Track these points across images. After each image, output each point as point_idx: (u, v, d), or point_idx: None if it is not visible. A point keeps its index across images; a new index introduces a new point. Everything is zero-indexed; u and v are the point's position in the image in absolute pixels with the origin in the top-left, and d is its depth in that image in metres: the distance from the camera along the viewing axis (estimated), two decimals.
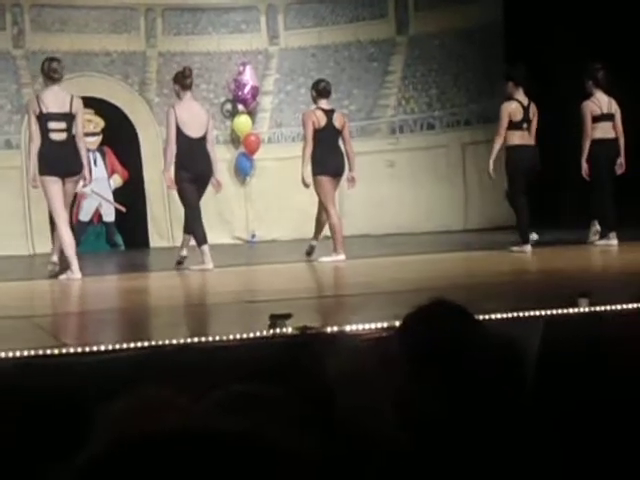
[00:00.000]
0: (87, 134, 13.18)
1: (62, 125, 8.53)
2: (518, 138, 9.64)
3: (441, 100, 14.08)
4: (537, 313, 4.10)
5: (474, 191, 13.52)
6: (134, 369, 3.77)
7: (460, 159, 13.74)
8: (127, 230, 13.31)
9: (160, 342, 4.06)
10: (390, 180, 13.61)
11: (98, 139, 13.19)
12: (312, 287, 8.04)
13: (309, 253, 9.85)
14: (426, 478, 1.83)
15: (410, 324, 2.16)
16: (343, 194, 13.89)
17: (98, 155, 13.18)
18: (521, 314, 4.12)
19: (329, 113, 9.56)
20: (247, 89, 13.58)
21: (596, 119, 9.99)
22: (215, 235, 13.57)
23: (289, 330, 3.99)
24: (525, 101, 9.73)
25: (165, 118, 9.45)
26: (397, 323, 3.84)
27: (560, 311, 4.15)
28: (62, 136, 8.51)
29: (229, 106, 13.77)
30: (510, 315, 4.10)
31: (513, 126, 9.65)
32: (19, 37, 13.18)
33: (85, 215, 13.29)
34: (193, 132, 9.03)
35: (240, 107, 13.53)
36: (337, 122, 9.57)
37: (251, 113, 13.68)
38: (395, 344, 2.27)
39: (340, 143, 9.65)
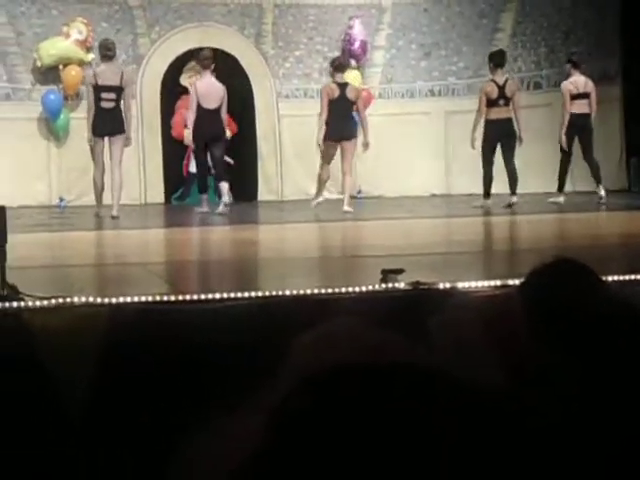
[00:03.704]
0: None
1: (112, 96, 10.37)
2: (494, 113, 11.15)
3: (549, 59, 13.87)
4: None
5: (581, 152, 13.26)
6: (247, 318, 3.83)
7: None
8: (235, 183, 13.38)
9: (273, 292, 4.12)
10: None
11: None
12: (419, 243, 8.04)
13: (316, 205, 11.08)
14: (541, 433, 1.85)
15: (534, 281, 2.17)
16: (449, 154, 13.82)
17: None
18: (634, 277, 4.06)
19: (342, 86, 10.88)
20: (357, 44, 13.53)
21: (573, 97, 11.41)
22: None
23: (401, 285, 3.99)
24: (501, 81, 11.26)
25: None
26: (510, 282, 3.84)
27: None
28: (111, 104, 10.34)
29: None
30: (623, 278, 4.04)
31: (490, 103, 11.17)
32: None
33: (195, 167, 13.41)
34: (209, 104, 10.79)
35: (351, 62, 13.47)
36: (350, 94, 10.87)
37: (360, 68, 13.63)
38: (515, 301, 2.29)
39: (355, 113, 10.97)
